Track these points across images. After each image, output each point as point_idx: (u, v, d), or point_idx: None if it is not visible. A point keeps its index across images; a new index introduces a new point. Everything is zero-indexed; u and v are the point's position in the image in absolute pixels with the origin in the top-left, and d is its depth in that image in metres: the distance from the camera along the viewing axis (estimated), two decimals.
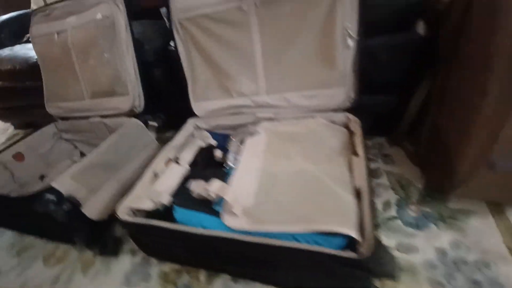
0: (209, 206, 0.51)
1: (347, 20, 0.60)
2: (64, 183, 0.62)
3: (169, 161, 0.70)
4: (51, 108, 1.00)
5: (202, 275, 0.62)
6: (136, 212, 0.58)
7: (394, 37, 0.65)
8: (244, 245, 0.44)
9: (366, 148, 0.57)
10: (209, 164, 0.68)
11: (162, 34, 0.93)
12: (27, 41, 1.37)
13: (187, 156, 0.69)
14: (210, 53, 0.74)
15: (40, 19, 0.92)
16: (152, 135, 0.87)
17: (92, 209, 0.64)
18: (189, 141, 0.76)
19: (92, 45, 0.84)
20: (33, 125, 1.54)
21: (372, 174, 0.70)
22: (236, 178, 0.55)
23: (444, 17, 0.60)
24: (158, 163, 0.67)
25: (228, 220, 0.47)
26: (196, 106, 0.80)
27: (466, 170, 0.51)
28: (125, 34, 0.81)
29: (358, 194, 0.48)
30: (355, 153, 0.58)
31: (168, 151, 0.71)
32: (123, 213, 0.55)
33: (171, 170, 0.65)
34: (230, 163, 0.63)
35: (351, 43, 0.61)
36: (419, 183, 0.70)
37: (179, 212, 0.51)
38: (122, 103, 0.88)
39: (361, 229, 0.42)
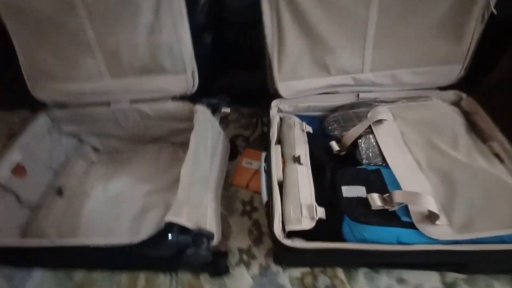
0: (396, 218, 0.47)
1: None
2: (181, 215, 0.47)
3: (283, 161, 0.59)
4: (41, 91, 0.69)
5: (340, 273, 0.61)
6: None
7: None
8: (453, 254, 0.44)
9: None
10: (336, 160, 0.60)
11: None
12: None
13: (304, 152, 0.59)
14: (311, 20, 0.58)
15: None
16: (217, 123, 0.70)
17: (216, 236, 0.52)
18: (286, 131, 0.64)
19: (122, 3, 0.55)
20: None
21: None
22: (403, 181, 0.51)
23: None
24: (277, 167, 0.56)
25: (431, 231, 0.45)
26: (282, 86, 0.66)
27: None
28: None
29: None
30: (482, 136, 0.59)
31: (276, 149, 0.59)
32: (283, 238, 0.47)
33: (299, 174, 0.55)
34: (364, 159, 0.58)
35: (486, 17, 0.56)
36: None
37: (370, 231, 0.46)
38: (172, 83, 0.65)
39: None
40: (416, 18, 0.58)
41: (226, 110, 0.68)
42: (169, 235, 0.44)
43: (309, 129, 0.67)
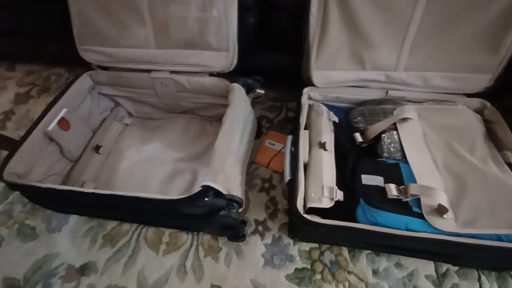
0: (407, 208, 0.52)
1: None
2: (217, 181, 0.52)
3: (309, 145, 0.63)
4: (88, 52, 0.72)
5: (345, 252, 0.68)
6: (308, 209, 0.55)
7: None
8: (453, 245, 0.49)
9: None
10: (358, 151, 0.64)
11: None
12: None
13: (329, 140, 0.63)
14: (356, 10, 0.59)
15: None
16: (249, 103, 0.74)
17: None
18: (314, 118, 0.68)
19: None
20: None
21: None
22: (419, 176, 0.55)
23: None
24: (304, 150, 0.61)
25: (438, 223, 0.50)
26: (317, 75, 0.69)
27: None
28: None
29: None
30: (499, 145, 0.63)
31: (304, 134, 0.64)
32: (303, 213, 0.53)
33: (323, 159, 0.60)
34: (385, 153, 0.62)
35: None
36: None
37: (383, 216, 0.51)
38: (214, 60, 0.69)
39: None
40: (458, 25, 0.60)
41: (261, 91, 0.71)
42: (206, 197, 0.50)
43: (335, 118, 0.70)
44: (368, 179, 0.57)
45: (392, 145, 0.62)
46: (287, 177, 0.61)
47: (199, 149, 0.78)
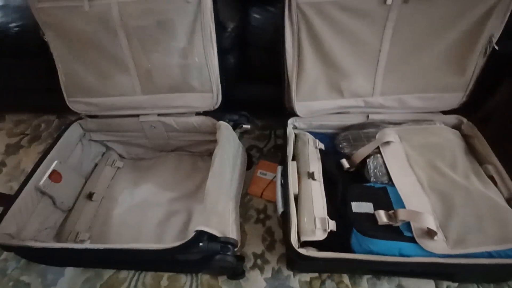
0: (399, 233, 0.53)
1: (495, 29, 0.59)
2: (210, 224, 0.53)
3: (298, 176, 0.65)
4: (77, 104, 0.74)
5: (346, 279, 0.68)
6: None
7: None
8: (446, 266, 0.50)
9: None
10: (346, 176, 0.66)
11: (238, 8, 0.72)
12: None
13: (317, 169, 0.65)
14: (328, 46, 0.63)
15: None
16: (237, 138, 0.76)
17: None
18: (301, 148, 0.70)
19: (159, 28, 0.61)
20: None
21: None
22: (407, 199, 0.57)
23: None
24: (293, 183, 0.62)
25: (429, 245, 0.51)
26: (299, 106, 0.71)
27: None
28: (210, 16, 0.61)
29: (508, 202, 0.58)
30: (479, 159, 0.65)
31: (292, 165, 0.65)
32: (298, 248, 0.53)
33: (313, 189, 0.61)
34: (372, 177, 0.64)
35: (489, 51, 0.62)
36: None
37: (376, 244, 0.52)
38: (199, 101, 0.72)
39: None
40: (425, 51, 0.64)
41: (247, 126, 0.73)
42: (201, 243, 0.50)
43: (322, 146, 0.73)
44: (358, 207, 0.58)
45: (378, 169, 0.64)
46: (280, 209, 0.62)
47: (192, 187, 0.79)
